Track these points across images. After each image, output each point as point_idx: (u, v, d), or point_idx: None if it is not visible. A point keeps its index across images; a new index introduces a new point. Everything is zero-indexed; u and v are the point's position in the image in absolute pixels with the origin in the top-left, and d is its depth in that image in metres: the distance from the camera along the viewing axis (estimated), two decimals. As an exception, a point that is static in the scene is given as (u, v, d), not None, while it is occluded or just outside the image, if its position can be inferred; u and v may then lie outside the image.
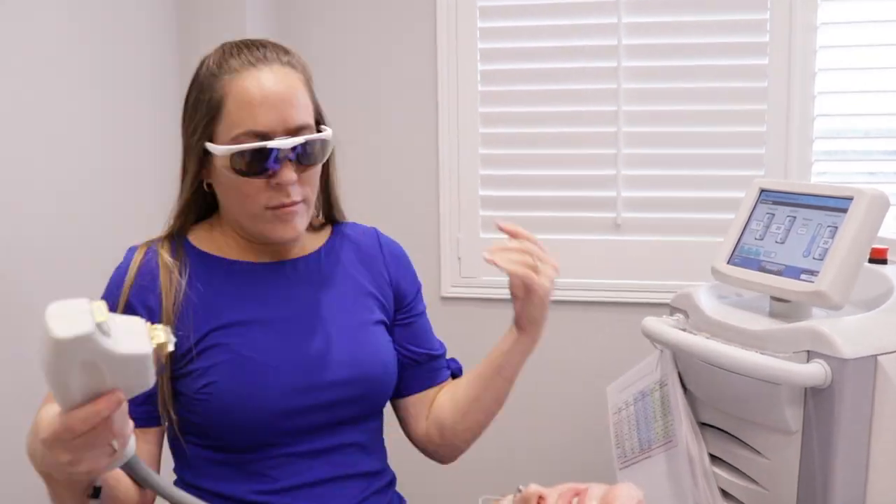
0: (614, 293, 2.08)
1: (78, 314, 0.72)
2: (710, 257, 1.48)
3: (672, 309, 1.53)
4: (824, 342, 1.22)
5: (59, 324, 0.71)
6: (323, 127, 1.15)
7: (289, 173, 1.09)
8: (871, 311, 1.31)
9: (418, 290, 1.32)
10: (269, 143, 1.07)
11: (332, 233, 1.27)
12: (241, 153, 1.07)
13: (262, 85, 1.08)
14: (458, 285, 2.21)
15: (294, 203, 1.11)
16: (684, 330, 1.41)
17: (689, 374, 1.46)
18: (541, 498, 0.85)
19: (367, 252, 1.27)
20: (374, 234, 1.30)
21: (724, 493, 1.43)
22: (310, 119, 1.12)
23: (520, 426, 2.14)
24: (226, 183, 1.11)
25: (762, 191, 1.45)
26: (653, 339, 1.45)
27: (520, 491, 0.90)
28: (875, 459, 1.24)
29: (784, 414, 1.27)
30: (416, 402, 1.28)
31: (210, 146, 1.09)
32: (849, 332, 1.23)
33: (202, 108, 1.10)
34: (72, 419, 0.75)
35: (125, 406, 0.78)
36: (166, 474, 1.12)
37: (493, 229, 2.12)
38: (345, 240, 1.26)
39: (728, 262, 1.43)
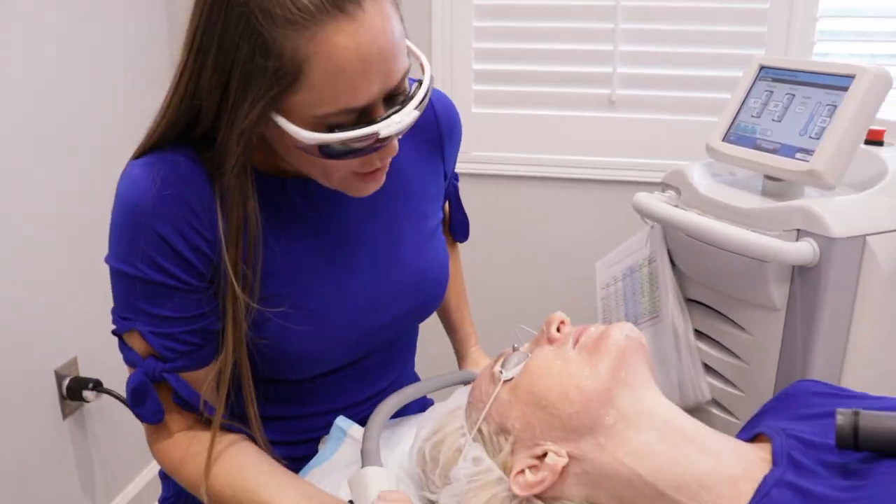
0: (607, 171, 2.07)
1: None
2: (706, 137, 1.46)
3: (664, 186, 1.53)
4: (814, 221, 1.22)
5: None
6: (417, 55, 0.90)
7: (394, 147, 0.88)
8: (863, 192, 1.31)
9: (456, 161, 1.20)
10: (381, 130, 0.82)
11: None
12: (333, 141, 0.82)
13: (359, 43, 0.78)
14: (450, 160, 2.19)
15: (388, 163, 0.92)
16: (676, 206, 1.41)
17: (678, 251, 1.47)
18: (562, 322, 0.92)
19: (423, 134, 1.08)
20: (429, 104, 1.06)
21: (708, 368, 1.47)
22: (405, 58, 0.85)
23: (509, 299, 2.17)
24: (299, 156, 0.87)
25: (762, 67, 1.43)
26: (644, 214, 1.45)
27: (515, 349, 0.94)
28: (854, 338, 1.27)
29: (770, 291, 1.29)
30: None
31: (285, 125, 0.82)
32: (839, 212, 1.23)
33: (264, 72, 0.78)
34: None
35: None
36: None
37: (487, 104, 2.11)
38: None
39: (723, 140, 1.42)
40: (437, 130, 1.11)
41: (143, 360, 0.96)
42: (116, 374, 1.84)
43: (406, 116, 0.84)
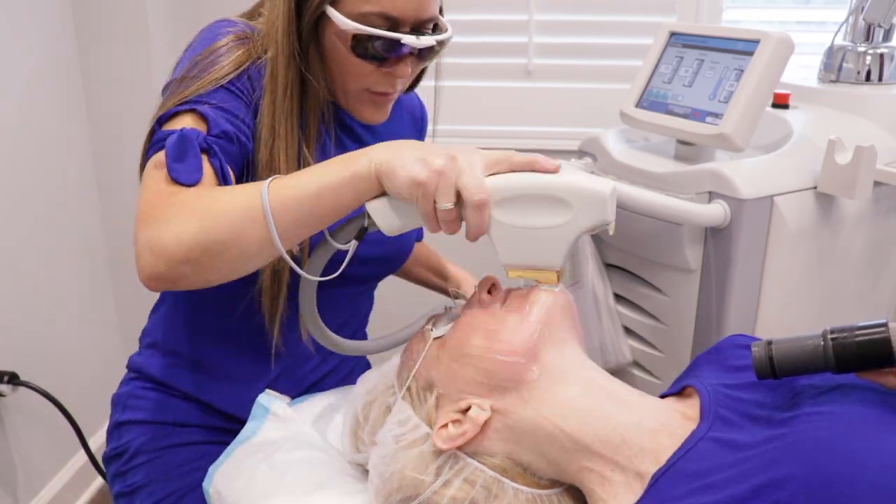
0: (525, 140, 2.08)
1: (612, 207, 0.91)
2: (620, 104, 1.48)
3: (580, 153, 1.54)
4: (724, 183, 1.25)
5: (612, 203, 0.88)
6: (443, 22, 1.09)
7: (406, 68, 1.05)
8: (770, 154, 1.35)
9: None
10: (403, 38, 1.00)
11: None
12: (368, 36, 1.00)
13: None
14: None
15: (395, 92, 1.08)
16: (592, 173, 1.43)
17: (596, 218, 1.49)
18: (493, 285, 0.95)
19: (413, 114, 1.35)
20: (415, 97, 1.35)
21: (628, 331, 1.50)
22: (437, 9, 1.06)
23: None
24: (332, 53, 1.04)
25: (672, 34, 1.45)
26: (561, 182, 1.46)
27: (448, 310, 0.96)
28: (765, 296, 1.31)
29: (685, 253, 1.32)
30: None
31: (335, 15, 0.99)
32: (747, 174, 1.26)
33: None
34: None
35: None
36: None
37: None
38: (399, 105, 1.27)
39: (636, 106, 1.44)
40: (422, 119, 1.37)
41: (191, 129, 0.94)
42: (34, 366, 1.79)
43: (426, 40, 1.02)
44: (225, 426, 1.17)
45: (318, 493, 0.95)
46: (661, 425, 0.83)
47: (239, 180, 1.00)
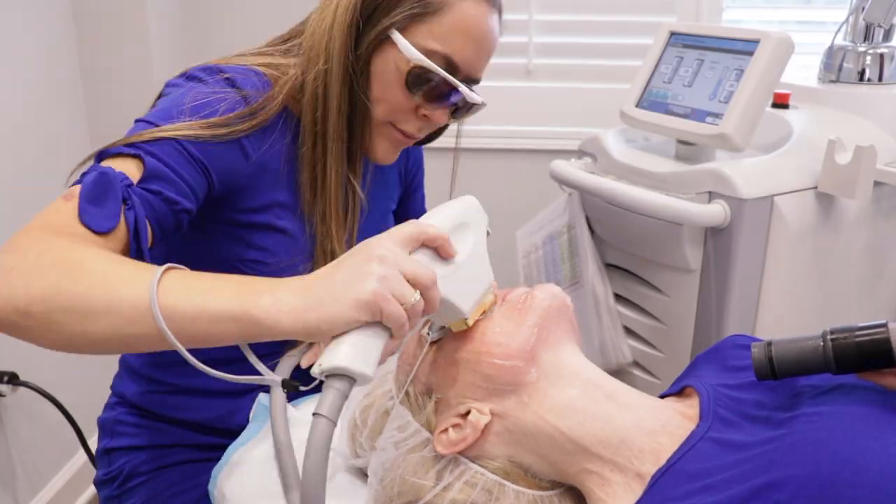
0: (525, 140, 2.08)
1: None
2: (620, 104, 1.48)
3: (581, 153, 1.54)
4: (724, 183, 1.25)
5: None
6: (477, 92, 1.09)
7: (443, 116, 1.06)
8: (770, 154, 1.35)
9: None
10: (461, 86, 1.02)
11: None
12: (429, 71, 0.99)
13: (486, 23, 1.01)
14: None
15: (417, 138, 1.08)
16: (592, 173, 1.43)
17: (596, 217, 1.50)
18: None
19: (412, 161, 1.33)
20: None
21: (628, 331, 1.50)
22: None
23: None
24: (380, 77, 1.02)
25: (672, 34, 1.45)
26: (561, 181, 1.47)
27: (429, 334, 0.94)
28: (765, 296, 1.31)
29: (685, 253, 1.32)
30: None
31: (399, 38, 0.98)
32: (748, 174, 1.26)
33: None
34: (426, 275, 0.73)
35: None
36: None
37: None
38: None
39: (636, 106, 1.44)
40: (418, 162, 1.36)
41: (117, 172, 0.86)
42: (34, 366, 1.78)
43: (476, 97, 1.06)
44: (214, 442, 1.14)
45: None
46: (661, 426, 0.83)
47: (164, 239, 0.92)
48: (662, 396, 0.94)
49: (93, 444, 1.99)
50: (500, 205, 2.15)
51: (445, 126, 1.17)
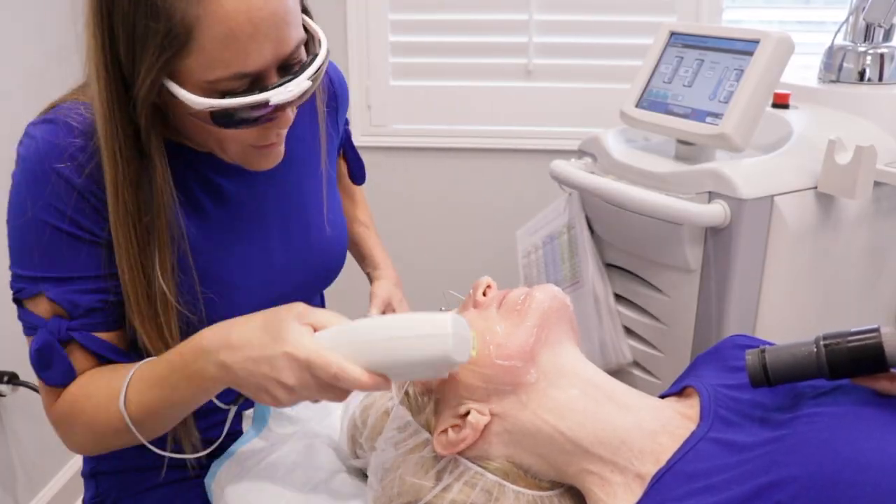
0: (525, 140, 2.09)
1: (463, 341, 0.78)
2: (620, 104, 1.48)
3: (580, 153, 1.54)
4: (724, 183, 1.25)
5: (456, 344, 0.77)
6: (315, 30, 0.91)
7: (287, 118, 0.88)
8: (770, 154, 1.35)
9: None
10: (271, 97, 0.82)
11: None
12: (227, 109, 0.82)
13: (250, 6, 0.78)
14: (368, 134, 2.17)
15: (283, 137, 0.93)
16: (592, 173, 1.43)
17: (596, 217, 1.49)
18: (488, 287, 0.94)
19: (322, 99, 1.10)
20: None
21: (628, 331, 1.50)
22: (300, 28, 0.86)
23: (433, 270, 2.17)
24: (193, 127, 0.88)
25: (672, 34, 1.45)
26: (561, 181, 1.46)
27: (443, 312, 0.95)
28: (765, 296, 1.31)
29: (685, 253, 1.32)
30: None
31: (178, 92, 0.81)
32: (748, 174, 1.26)
33: (155, 36, 0.78)
34: (376, 386, 0.78)
35: None
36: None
37: (405, 76, 2.10)
38: None
39: (636, 106, 1.44)
40: (335, 97, 1.14)
41: (46, 322, 0.91)
42: (32, 366, 1.79)
43: (299, 85, 0.84)
44: (202, 462, 1.09)
45: (319, 493, 0.95)
46: (662, 426, 0.83)
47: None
48: (662, 396, 0.94)
49: (93, 444, 1.99)
50: (500, 205, 2.16)
51: (320, 69, 0.89)
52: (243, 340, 0.80)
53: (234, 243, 1.01)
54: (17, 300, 0.93)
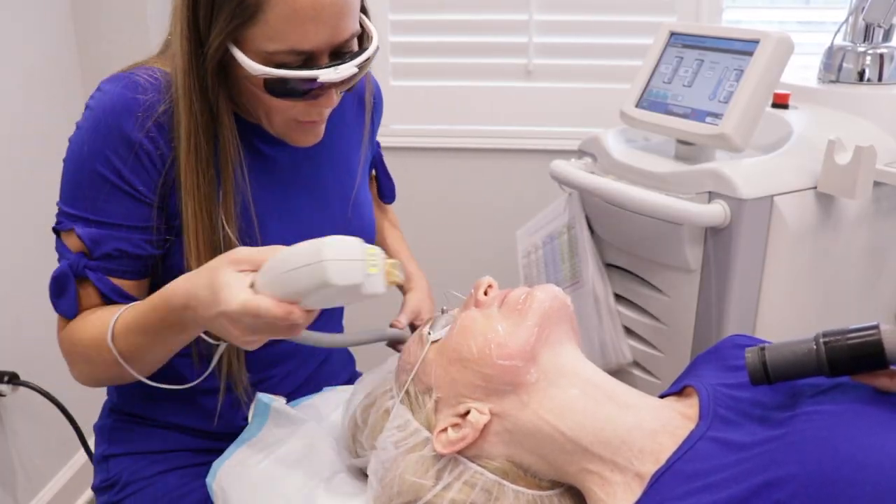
0: (525, 140, 2.09)
1: (352, 263, 0.79)
2: (620, 104, 1.48)
3: (581, 153, 1.54)
4: (724, 183, 1.25)
5: (335, 268, 0.77)
6: (369, 28, 1.01)
7: (330, 98, 0.98)
8: (770, 154, 1.35)
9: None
10: (320, 75, 0.92)
11: None
12: (279, 77, 0.92)
13: None
14: (369, 135, 2.17)
15: (325, 117, 1.02)
16: (592, 173, 1.43)
17: (596, 217, 1.49)
18: (490, 286, 0.95)
19: (361, 101, 1.20)
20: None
21: (628, 331, 1.50)
22: (356, 22, 0.96)
23: (434, 270, 2.17)
24: (248, 92, 0.98)
25: (672, 34, 1.45)
26: (561, 181, 1.47)
27: (444, 311, 0.96)
28: (765, 296, 1.31)
29: (685, 253, 1.32)
30: None
31: (240, 56, 0.92)
32: (748, 174, 1.26)
33: (230, 4, 0.89)
34: (287, 315, 0.81)
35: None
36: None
37: (405, 76, 2.10)
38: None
39: (636, 106, 1.44)
40: (375, 107, 1.24)
41: (72, 255, 0.99)
42: (34, 366, 1.79)
43: (346, 70, 0.94)
44: (210, 446, 1.14)
45: (319, 493, 0.95)
46: (662, 426, 0.83)
47: (154, 268, 1.04)
48: (662, 396, 0.94)
49: (93, 444, 1.99)
50: (500, 205, 2.16)
51: (367, 60, 1.00)
52: (195, 300, 0.86)
53: (281, 202, 1.10)
54: (56, 231, 1.02)
